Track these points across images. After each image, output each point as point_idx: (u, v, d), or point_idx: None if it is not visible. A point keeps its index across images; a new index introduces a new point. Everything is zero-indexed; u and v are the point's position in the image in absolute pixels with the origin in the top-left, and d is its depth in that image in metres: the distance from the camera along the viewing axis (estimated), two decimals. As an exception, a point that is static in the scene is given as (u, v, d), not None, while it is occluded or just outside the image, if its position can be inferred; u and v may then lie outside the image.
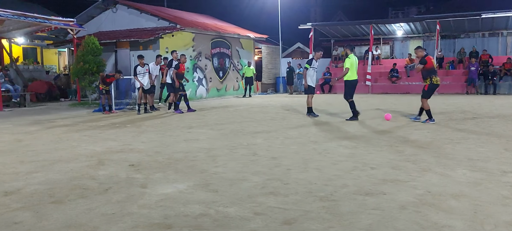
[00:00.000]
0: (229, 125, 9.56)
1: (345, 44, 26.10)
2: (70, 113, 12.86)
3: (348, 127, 8.95)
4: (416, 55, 9.61)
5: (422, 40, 24.93)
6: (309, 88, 10.75)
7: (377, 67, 23.52)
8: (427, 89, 9.19)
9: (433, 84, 9.15)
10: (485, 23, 22.01)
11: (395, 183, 4.51)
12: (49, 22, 15.64)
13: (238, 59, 22.25)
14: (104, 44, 16.79)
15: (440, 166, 5.21)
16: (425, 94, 9.23)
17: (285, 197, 4.07)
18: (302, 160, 5.67)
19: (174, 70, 12.14)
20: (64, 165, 5.56)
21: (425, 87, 9.22)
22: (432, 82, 9.13)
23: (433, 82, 9.13)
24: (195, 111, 12.69)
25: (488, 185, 4.40)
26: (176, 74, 12.16)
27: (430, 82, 9.14)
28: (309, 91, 10.78)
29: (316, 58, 10.75)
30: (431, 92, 9.24)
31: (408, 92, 21.05)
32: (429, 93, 9.21)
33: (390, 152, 6.14)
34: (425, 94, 9.22)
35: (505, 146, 6.48)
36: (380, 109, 12.50)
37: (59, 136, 8.23)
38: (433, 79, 9.13)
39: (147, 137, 7.88)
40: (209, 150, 6.47)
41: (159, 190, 4.36)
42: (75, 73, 15.69)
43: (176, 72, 12.15)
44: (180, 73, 12.31)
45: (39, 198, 4.15)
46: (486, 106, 13.27)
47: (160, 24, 18.32)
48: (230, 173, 5.05)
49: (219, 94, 20.64)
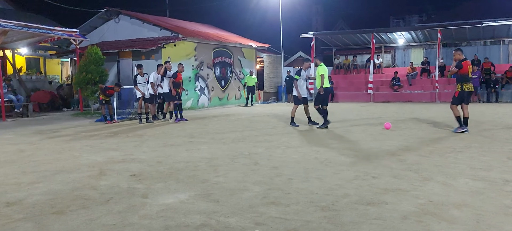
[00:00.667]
0: (230, 134, 9.57)
1: (346, 53, 26.26)
2: (72, 123, 12.90)
3: (350, 135, 8.94)
4: (454, 57, 9.09)
5: (424, 49, 24.97)
6: (296, 98, 10.86)
7: (378, 75, 23.53)
8: (457, 96, 8.91)
9: (464, 91, 8.81)
10: (486, 32, 22.03)
11: (396, 192, 4.49)
12: (52, 33, 15.74)
13: (240, 68, 22.31)
14: (107, 54, 16.87)
15: (442, 175, 5.20)
16: (454, 100, 8.95)
17: (286, 207, 4.06)
18: (303, 170, 5.66)
19: (171, 79, 12.27)
20: (66, 175, 5.57)
21: (456, 93, 8.94)
22: (462, 89, 8.81)
23: (464, 89, 8.80)
24: (187, 120, 12.72)
25: (490, 194, 4.38)
26: (173, 83, 12.32)
27: (461, 89, 8.83)
28: (297, 102, 10.85)
29: (304, 68, 10.86)
30: (461, 100, 8.89)
31: (410, 101, 21.03)
32: (459, 100, 8.88)
33: (391, 161, 6.12)
34: (454, 101, 8.94)
35: (508, 155, 6.45)
36: (381, 118, 12.48)
37: (61, 146, 8.25)
38: (464, 86, 8.80)
39: (148, 147, 7.89)
40: (210, 160, 6.47)
41: (160, 200, 4.35)
42: (78, 83, 15.76)
43: (173, 81, 12.28)
44: (177, 82, 12.48)
45: (40, 208, 4.15)
46: (489, 114, 13.23)
47: (162, 34, 18.42)
48: (231, 182, 5.04)
49: (221, 103, 20.67)
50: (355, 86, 23.49)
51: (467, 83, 8.83)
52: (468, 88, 8.84)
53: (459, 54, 9.00)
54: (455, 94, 8.99)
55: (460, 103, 8.93)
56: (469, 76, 8.91)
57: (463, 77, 8.84)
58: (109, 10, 19.37)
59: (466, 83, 8.83)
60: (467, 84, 8.83)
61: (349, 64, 25.46)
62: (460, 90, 8.87)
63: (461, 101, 8.92)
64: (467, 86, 8.83)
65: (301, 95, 10.74)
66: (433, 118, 12.18)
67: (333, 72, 25.11)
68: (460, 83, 8.87)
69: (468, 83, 8.85)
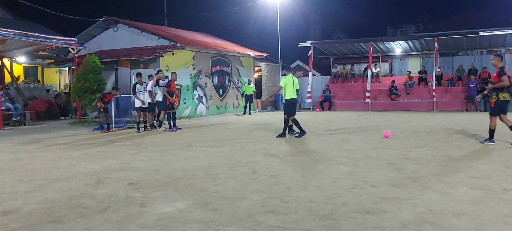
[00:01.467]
0: (228, 142, 9.55)
1: (343, 62, 26.35)
2: (69, 131, 12.86)
3: (348, 144, 8.93)
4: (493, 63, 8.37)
5: (421, 58, 25.09)
6: None
7: (376, 84, 23.62)
8: (493, 106, 8.26)
9: (501, 101, 8.16)
10: (483, 41, 22.17)
11: (395, 201, 4.48)
12: (50, 42, 15.76)
13: (238, 77, 22.35)
14: (105, 62, 16.90)
15: (441, 184, 5.19)
16: (492, 111, 8.31)
17: (285, 216, 4.04)
18: (302, 178, 5.65)
19: (165, 88, 12.31)
20: (63, 184, 5.54)
21: (491, 104, 8.30)
22: (499, 99, 8.18)
23: (500, 98, 8.15)
24: (180, 129, 12.70)
25: (489, 203, 4.37)
26: (167, 92, 12.36)
27: (497, 99, 8.20)
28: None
29: (297, 78, 10.86)
30: (499, 109, 8.20)
31: (408, 110, 21.08)
32: (496, 110, 8.21)
33: (390, 170, 6.12)
34: (493, 111, 8.28)
35: (506, 163, 6.46)
36: (380, 127, 12.49)
37: (59, 154, 8.21)
38: (499, 95, 8.16)
39: (146, 155, 7.86)
40: (208, 168, 6.45)
41: (158, 209, 4.33)
42: (76, 91, 15.75)
43: (167, 90, 12.35)
44: (170, 91, 12.55)
45: (37, 217, 4.12)
46: (486, 123, 13.23)
47: (161, 42, 18.46)
48: (229, 191, 5.02)
49: (219, 112, 20.67)
50: (353, 95, 23.55)
51: (502, 92, 8.17)
52: (504, 97, 8.18)
53: (498, 60, 8.26)
54: (491, 104, 8.34)
55: (499, 114, 8.26)
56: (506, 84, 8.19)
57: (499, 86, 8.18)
58: (107, 19, 19.43)
59: (501, 92, 8.17)
60: (502, 93, 8.16)
61: (347, 73, 25.55)
62: (495, 100, 8.22)
63: (500, 111, 8.25)
64: (503, 95, 8.17)
65: None
66: (431, 127, 12.20)
67: (331, 81, 25.18)
68: (495, 92, 8.21)
69: (503, 91, 8.17)
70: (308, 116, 18.11)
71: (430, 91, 21.31)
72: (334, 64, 26.51)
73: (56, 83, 24.31)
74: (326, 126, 13.36)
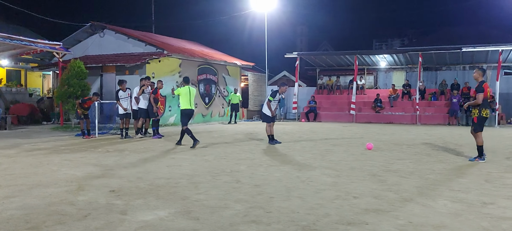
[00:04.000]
0: (213, 151, 9.52)
1: (329, 73, 26.58)
2: (51, 137, 12.66)
3: (332, 155, 8.98)
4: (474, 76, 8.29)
5: (405, 72, 25.45)
6: (266, 117, 11.03)
7: (361, 97, 23.84)
8: (476, 122, 8.14)
9: (482, 117, 8.09)
10: (465, 57, 22.63)
11: (377, 212, 4.52)
12: (34, 45, 15.55)
13: (224, 86, 22.34)
14: (90, 68, 16.73)
15: (422, 196, 5.25)
16: (475, 127, 8.16)
17: (267, 226, 4.03)
18: (285, 188, 5.65)
19: (153, 95, 12.35)
20: (43, 190, 5.44)
21: (474, 119, 8.18)
22: (481, 114, 8.08)
23: (482, 114, 8.07)
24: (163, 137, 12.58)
25: (468, 216, 4.43)
26: (154, 99, 12.40)
27: (479, 114, 8.09)
28: (267, 120, 11.03)
29: (280, 92, 10.95)
30: (481, 125, 8.14)
31: (391, 122, 21.32)
32: (479, 126, 8.12)
33: (372, 181, 6.17)
34: (476, 127, 8.14)
35: (486, 178, 6.57)
36: (363, 138, 12.60)
37: (39, 159, 8.07)
38: (482, 111, 8.06)
39: (129, 162, 7.78)
40: (191, 177, 6.41)
41: (139, 217, 4.28)
42: (59, 96, 15.54)
43: (154, 97, 12.38)
44: (156, 98, 12.65)
45: (15, 224, 4.04)
46: (467, 137, 13.47)
47: (147, 49, 18.37)
48: (212, 200, 5.00)
49: (204, 120, 20.60)
50: (338, 106, 23.73)
51: (485, 108, 8.06)
52: (486, 114, 8.10)
53: (479, 74, 8.19)
54: (473, 120, 8.23)
55: (482, 129, 8.15)
56: (488, 100, 8.19)
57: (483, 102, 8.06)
58: (94, 24, 19.27)
59: (484, 108, 8.05)
60: (485, 109, 8.07)
61: (332, 84, 25.76)
62: (478, 115, 8.10)
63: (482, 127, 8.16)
64: (485, 111, 8.08)
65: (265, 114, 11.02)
66: (413, 140, 12.35)
67: (317, 92, 25.34)
68: (478, 108, 8.06)
69: (486, 108, 8.09)
70: (293, 126, 18.17)
71: (414, 105, 21.61)
72: (320, 76, 26.72)
73: (40, 87, 23.95)
74: (311, 136, 13.42)
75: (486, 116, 8.14)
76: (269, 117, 10.97)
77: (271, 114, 10.90)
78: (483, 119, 8.14)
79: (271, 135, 11.10)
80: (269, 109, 10.88)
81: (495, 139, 13.07)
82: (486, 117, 8.14)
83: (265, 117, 11.11)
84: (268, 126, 11.08)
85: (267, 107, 10.90)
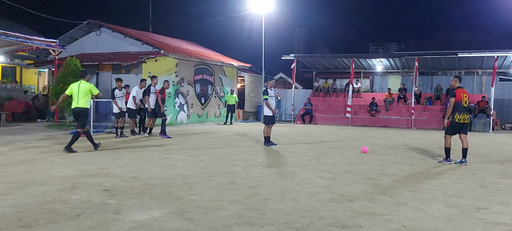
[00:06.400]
0: (208, 151, 9.50)
1: (326, 76, 26.64)
2: (46, 134, 12.59)
3: (327, 157, 8.99)
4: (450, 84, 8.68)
5: (401, 76, 25.54)
6: (267, 118, 11.00)
7: (357, 100, 23.90)
8: (448, 126, 8.45)
9: (455, 122, 8.32)
10: (461, 62, 22.73)
11: (371, 216, 4.52)
12: (30, 42, 15.47)
13: (220, 87, 22.32)
14: (86, 66, 16.66)
15: (416, 201, 5.26)
16: (446, 130, 8.52)
17: (261, 228, 4.02)
18: (279, 190, 5.65)
19: (160, 96, 12.50)
20: (36, 188, 5.40)
21: (447, 123, 8.47)
22: (454, 120, 8.33)
23: (455, 120, 8.30)
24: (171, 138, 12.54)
25: (462, 221, 4.45)
26: (161, 99, 12.54)
27: (452, 119, 8.36)
28: (267, 122, 11.02)
29: (269, 87, 11.03)
30: (453, 130, 8.43)
31: (387, 126, 21.37)
32: (451, 130, 8.42)
33: (367, 184, 6.17)
34: (447, 130, 8.51)
35: (480, 183, 6.59)
36: (359, 140, 12.63)
37: (33, 157, 8.02)
38: (455, 116, 8.29)
39: (123, 161, 7.75)
40: (186, 177, 6.39)
41: (133, 217, 4.26)
42: (55, 94, 15.44)
43: (161, 97, 12.53)
44: (163, 98, 12.75)
45: (7, 222, 4.00)
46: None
47: (144, 48, 18.32)
48: (206, 201, 4.98)
49: (200, 121, 20.56)
50: (334, 109, 23.77)
51: (459, 114, 8.27)
52: (458, 120, 8.29)
53: (455, 81, 8.55)
54: (446, 123, 8.51)
55: (453, 134, 8.48)
56: (463, 105, 8.31)
57: (455, 106, 8.31)
58: (91, 22, 19.20)
59: (457, 113, 8.28)
60: (459, 114, 8.27)
61: (329, 87, 25.80)
62: (451, 120, 8.38)
63: (454, 132, 8.47)
64: (458, 116, 8.28)
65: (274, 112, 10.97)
66: (409, 144, 12.38)
67: (313, 95, 25.37)
68: (452, 113, 8.35)
69: (460, 113, 8.27)
70: (289, 128, 18.17)
71: (409, 109, 21.68)
72: (317, 78, 26.76)
73: (35, 84, 23.81)
74: (306, 138, 13.42)
75: (459, 122, 8.34)
76: (270, 117, 10.91)
77: (272, 113, 10.86)
78: (456, 124, 8.37)
79: (268, 136, 11.09)
80: (269, 108, 10.82)
81: (489, 144, 13.13)
82: (459, 122, 8.34)
83: (266, 119, 11.03)
84: (267, 127, 11.04)
85: (267, 107, 10.85)
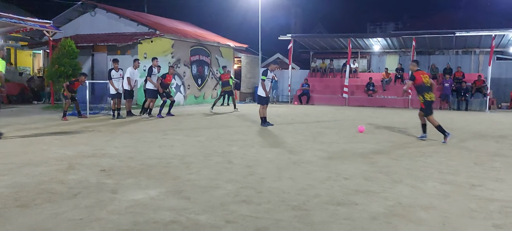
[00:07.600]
0: (205, 132, 9.50)
1: (323, 57, 26.54)
2: (42, 116, 12.55)
3: (323, 137, 9.01)
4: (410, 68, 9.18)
5: (398, 55, 25.45)
6: (261, 98, 11.02)
7: (354, 80, 23.84)
8: (424, 107, 8.74)
9: (427, 101, 8.67)
10: (459, 41, 22.64)
11: (367, 193, 4.55)
12: (24, 23, 15.28)
13: (217, 67, 22.22)
14: (81, 47, 16.50)
15: (412, 178, 5.30)
16: (425, 112, 8.76)
17: (258, 206, 4.05)
18: (276, 169, 5.67)
19: (160, 78, 12.74)
20: (33, 169, 5.41)
21: (421, 105, 8.80)
22: (425, 99, 8.67)
23: (427, 99, 8.66)
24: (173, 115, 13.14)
25: (457, 197, 4.49)
26: (161, 83, 12.71)
27: (424, 99, 8.69)
28: (262, 102, 11.03)
29: (271, 69, 11.00)
30: (429, 108, 8.71)
31: (384, 106, 21.40)
32: (428, 110, 8.71)
33: (363, 163, 6.21)
34: (425, 112, 8.75)
35: (475, 160, 6.64)
36: (356, 120, 12.66)
37: (29, 138, 8.01)
38: (425, 95, 8.64)
39: (120, 142, 7.74)
40: (183, 157, 6.41)
41: (130, 196, 4.28)
42: (50, 76, 15.37)
43: (162, 82, 12.71)
44: (165, 83, 12.92)
45: (3, 201, 4.01)
46: (458, 121, 13.60)
47: (139, 29, 18.15)
48: (203, 180, 5.00)
49: (197, 102, 20.52)
50: (331, 89, 23.74)
51: (428, 93, 8.65)
52: (430, 98, 8.68)
53: (413, 65, 8.99)
54: (421, 106, 8.83)
55: (432, 113, 8.74)
56: (425, 85, 8.69)
57: (420, 88, 8.70)
58: (85, 3, 18.95)
59: (426, 92, 8.65)
60: (428, 93, 8.65)
61: (326, 67, 25.71)
62: (423, 100, 8.71)
63: (431, 111, 8.74)
64: (428, 95, 8.66)
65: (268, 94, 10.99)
66: (405, 123, 12.42)
67: (310, 75, 25.30)
68: (421, 94, 8.71)
69: (429, 92, 8.67)
70: (286, 109, 18.18)
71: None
72: (314, 59, 26.63)
73: (30, 66, 23.63)
74: (303, 119, 13.44)
75: (431, 100, 8.71)
76: (264, 98, 10.96)
77: (265, 94, 10.90)
78: (429, 103, 8.71)
79: (264, 117, 11.11)
80: (263, 90, 10.86)
81: (485, 123, 13.20)
82: (431, 100, 8.72)
83: (260, 99, 11.10)
84: (262, 107, 11.09)
85: (262, 88, 10.89)
